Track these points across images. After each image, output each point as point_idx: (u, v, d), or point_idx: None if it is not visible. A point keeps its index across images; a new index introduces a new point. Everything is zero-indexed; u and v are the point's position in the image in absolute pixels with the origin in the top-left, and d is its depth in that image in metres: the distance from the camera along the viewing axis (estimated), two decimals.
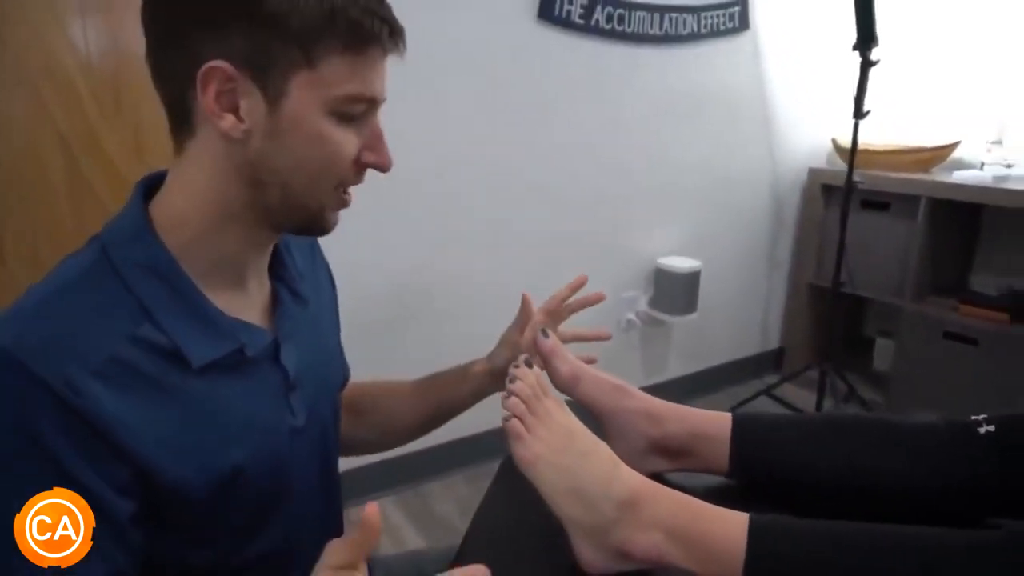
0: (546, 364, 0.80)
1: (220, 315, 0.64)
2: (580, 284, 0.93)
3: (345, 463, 0.85)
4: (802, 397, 2.46)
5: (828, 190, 2.56)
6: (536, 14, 1.87)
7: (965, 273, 2.55)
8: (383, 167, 0.65)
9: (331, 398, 0.80)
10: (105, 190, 1.46)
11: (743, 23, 2.27)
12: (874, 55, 2.03)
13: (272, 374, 0.69)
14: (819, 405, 2.35)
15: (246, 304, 0.68)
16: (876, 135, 2.41)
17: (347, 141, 0.62)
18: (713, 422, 0.83)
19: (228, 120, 0.58)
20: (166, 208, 0.63)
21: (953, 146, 2.39)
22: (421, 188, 1.80)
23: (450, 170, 1.86)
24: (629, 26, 2.02)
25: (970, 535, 0.61)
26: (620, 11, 1.99)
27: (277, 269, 0.73)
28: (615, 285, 2.27)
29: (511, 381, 0.70)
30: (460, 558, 0.70)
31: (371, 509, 0.50)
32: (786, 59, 2.45)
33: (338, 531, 0.83)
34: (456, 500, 1.94)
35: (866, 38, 2.00)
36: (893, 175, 2.37)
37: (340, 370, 0.86)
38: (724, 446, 0.81)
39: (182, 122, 0.61)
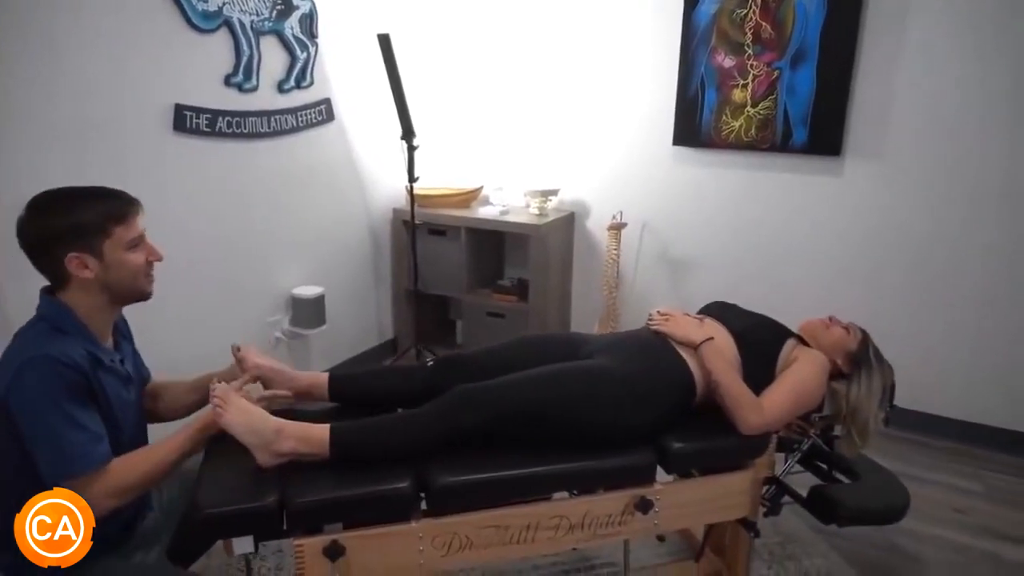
0: (240, 362, 1.65)
1: (104, 347, 1.39)
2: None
3: None
4: None
5: (406, 224, 3.51)
6: (172, 127, 2.52)
7: (499, 271, 3.86)
8: (159, 259, 1.46)
9: (140, 388, 1.57)
10: None
11: (329, 116, 3.18)
12: (416, 141, 3.11)
13: (122, 374, 1.44)
14: None
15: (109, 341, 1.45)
16: (437, 180, 3.55)
17: (139, 257, 1.40)
18: (322, 376, 1.74)
19: (85, 273, 1.33)
20: (70, 303, 1.36)
21: (478, 190, 3.64)
22: None
23: None
24: (246, 128, 2.77)
25: (427, 406, 1.59)
26: (237, 119, 2.73)
27: (118, 324, 1.50)
28: (263, 312, 3.03)
29: (213, 390, 1.51)
30: (207, 456, 1.53)
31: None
32: (364, 137, 3.43)
33: None
34: None
35: (407, 132, 3.06)
36: (444, 212, 3.52)
37: (143, 373, 1.63)
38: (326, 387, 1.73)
39: (60, 280, 1.36)
